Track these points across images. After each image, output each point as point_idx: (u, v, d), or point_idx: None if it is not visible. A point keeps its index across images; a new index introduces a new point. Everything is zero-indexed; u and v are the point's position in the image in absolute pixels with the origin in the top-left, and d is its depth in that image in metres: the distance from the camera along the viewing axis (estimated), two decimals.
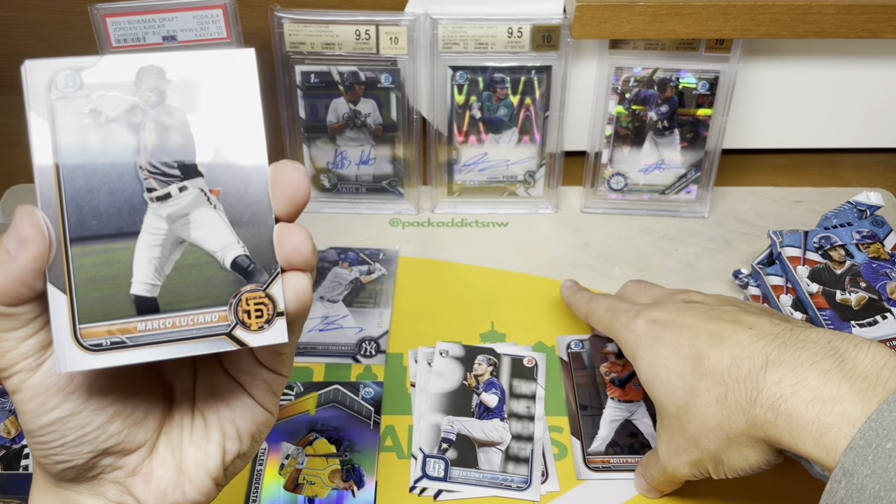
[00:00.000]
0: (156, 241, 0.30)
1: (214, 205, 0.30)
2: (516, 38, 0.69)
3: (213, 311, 0.30)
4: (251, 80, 0.30)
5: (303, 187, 0.31)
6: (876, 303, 0.59)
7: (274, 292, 0.30)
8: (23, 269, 0.28)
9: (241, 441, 0.35)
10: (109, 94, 0.29)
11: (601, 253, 0.73)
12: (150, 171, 0.30)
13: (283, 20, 0.68)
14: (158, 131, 0.30)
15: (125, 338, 0.29)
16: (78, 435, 0.31)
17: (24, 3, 0.71)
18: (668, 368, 0.46)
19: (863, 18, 0.66)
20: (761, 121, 0.79)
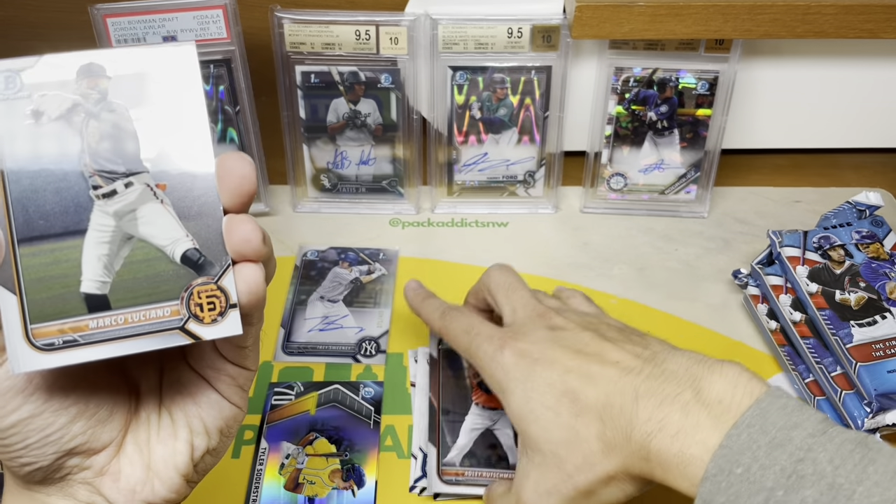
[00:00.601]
0: (104, 239, 0.30)
1: (161, 199, 0.30)
2: (516, 39, 0.69)
3: (165, 306, 0.30)
4: (194, 75, 0.30)
5: (248, 177, 0.31)
6: (875, 302, 0.59)
7: (226, 284, 0.30)
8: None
9: (209, 437, 0.35)
10: (51, 93, 0.29)
11: (601, 253, 0.73)
12: (95, 168, 0.30)
13: (284, 20, 0.68)
14: (101, 128, 0.30)
15: (77, 336, 0.29)
16: (41, 436, 0.31)
17: (24, 3, 0.71)
18: (543, 405, 0.44)
19: (862, 19, 0.67)
20: (761, 121, 0.79)
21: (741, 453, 0.36)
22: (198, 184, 0.30)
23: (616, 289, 0.70)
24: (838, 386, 0.57)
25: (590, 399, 0.42)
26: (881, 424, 0.55)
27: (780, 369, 0.63)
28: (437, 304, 0.56)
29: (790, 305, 0.62)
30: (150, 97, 0.30)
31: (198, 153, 0.30)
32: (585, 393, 0.43)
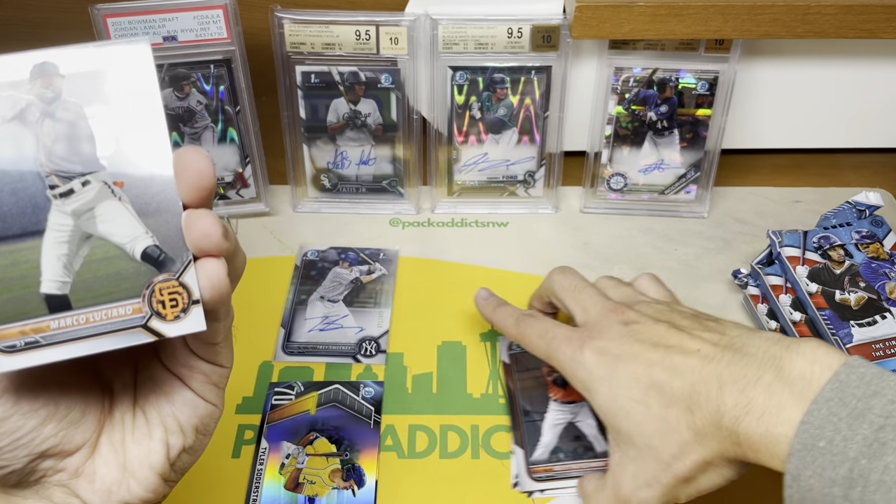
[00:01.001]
0: (62, 238, 0.30)
1: (119, 197, 0.30)
2: (516, 39, 0.69)
3: (126, 304, 0.30)
4: (149, 71, 0.30)
5: (206, 171, 0.30)
6: (875, 302, 0.59)
7: (187, 280, 0.30)
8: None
9: (184, 435, 0.35)
10: (3, 94, 0.29)
11: (601, 253, 0.74)
12: (51, 168, 0.30)
13: (284, 20, 0.68)
14: (56, 128, 0.29)
15: (39, 337, 0.29)
16: (11, 440, 0.31)
17: (24, 3, 0.71)
18: (632, 399, 0.45)
19: (862, 19, 0.67)
20: (761, 121, 0.79)
21: (822, 427, 0.37)
22: (156, 180, 0.30)
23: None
24: None
25: (676, 390, 0.44)
26: None
27: None
28: (510, 311, 0.56)
29: (790, 305, 0.62)
30: (105, 95, 0.30)
31: (155, 149, 0.30)
32: (671, 384, 0.44)
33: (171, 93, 0.70)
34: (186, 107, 0.71)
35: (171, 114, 0.71)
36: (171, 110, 0.71)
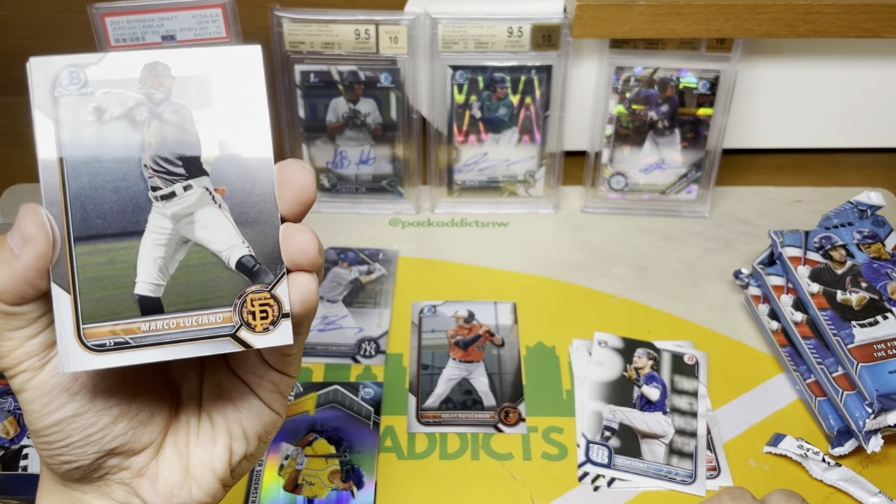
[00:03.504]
0: (160, 241, 0.29)
1: (220, 204, 0.30)
2: (516, 38, 0.69)
3: (217, 312, 0.29)
4: (258, 77, 0.30)
5: (309, 187, 0.30)
6: (877, 303, 0.59)
7: (279, 293, 0.30)
8: (26, 267, 0.28)
9: (247, 442, 0.35)
10: (114, 91, 0.29)
11: (601, 253, 0.73)
12: (155, 169, 0.29)
13: (283, 19, 0.68)
14: (163, 129, 0.29)
15: (129, 338, 0.29)
16: (83, 435, 0.31)
17: (24, 3, 0.71)
18: None
19: (863, 18, 0.66)
20: (762, 120, 0.79)
21: None
22: (256, 190, 0.30)
23: (616, 289, 0.70)
24: (840, 386, 0.57)
25: None
26: (883, 425, 0.54)
27: (782, 370, 0.63)
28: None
29: (791, 306, 0.62)
30: (213, 99, 0.29)
31: (258, 158, 0.30)
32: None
33: None
34: None
35: None
36: None
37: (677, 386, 0.61)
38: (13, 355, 0.29)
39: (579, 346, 0.64)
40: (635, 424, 0.58)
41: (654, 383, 0.61)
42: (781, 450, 0.57)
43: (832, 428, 0.57)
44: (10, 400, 0.54)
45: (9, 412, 0.53)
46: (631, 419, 0.59)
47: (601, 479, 0.56)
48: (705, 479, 0.55)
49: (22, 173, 0.81)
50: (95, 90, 0.29)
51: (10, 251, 0.28)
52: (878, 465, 0.57)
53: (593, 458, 0.57)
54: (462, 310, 0.66)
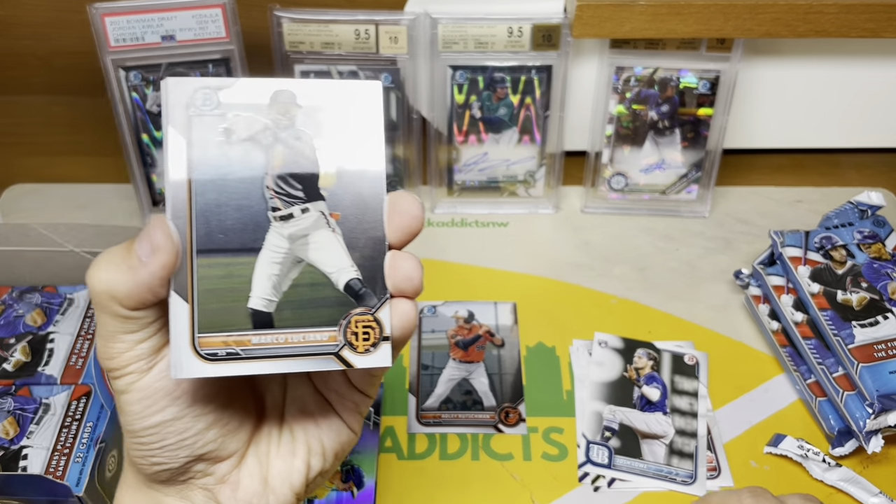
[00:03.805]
0: (276, 259, 0.31)
1: (333, 228, 0.31)
2: (516, 38, 0.69)
3: (323, 331, 0.31)
4: (376, 111, 0.31)
5: (418, 218, 0.32)
6: (877, 303, 0.59)
7: (381, 317, 0.31)
8: (152, 275, 0.29)
9: (325, 458, 0.36)
10: (243, 114, 0.30)
11: (601, 253, 0.73)
12: (276, 191, 0.31)
13: (283, 19, 0.68)
14: (287, 153, 0.31)
15: (240, 349, 0.30)
16: (178, 439, 0.32)
17: (24, 3, 0.71)
18: None
19: (864, 18, 0.66)
20: (762, 120, 0.79)
21: None
22: (368, 217, 0.31)
23: (617, 289, 0.70)
24: (840, 387, 0.57)
25: None
26: (883, 426, 0.54)
27: (782, 370, 0.63)
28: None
29: (792, 306, 0.62)
30: (333, 129, 0.31)
31: (372, 188, 0.31)
32: None
33: None
34: None
35: None
36: None
37: (677, 386, 0.61)
38: (123, 357, 0.31)
39: (579, 346, 0.64)
40: (635, 425, 0.58)
41: (654, 384, 0.61)
42: (782, 450, 0.57)
43: (832, 428, 0.57)
44: (9, 400, 0.53)
45: (9, 412, 0.53)
46: (631, 419, 0.59)
47: (601, 480, 0.56)
48: (705, 479, 0.55)
49: (22, 173, 0.81)
50: (226, 112, 0.30)
51: (137, 258, 0.29)
52: (878, 465, 0.57)
53: (593, 459, 0.57)
54: (462, 310, 0.66)
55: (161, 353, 0.31)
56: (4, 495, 0.49)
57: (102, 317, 0.30)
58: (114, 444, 0.53)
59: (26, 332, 0.58)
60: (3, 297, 0.61)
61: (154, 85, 0.69)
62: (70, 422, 0.53)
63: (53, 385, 0.55)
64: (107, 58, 0.67)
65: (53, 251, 0.62)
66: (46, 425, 0.52)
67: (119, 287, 0.29)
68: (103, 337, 0.31)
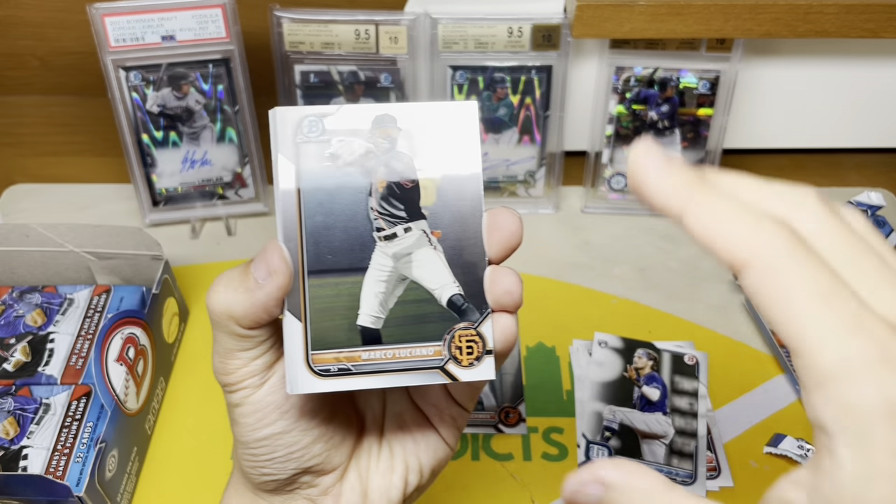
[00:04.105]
0: (381, 277, 0.32)
1: (435, 246, 0.32)
2: (516, 38, 0.69)
3: (428, 346, 0.32)
4: (473, 130, 0.33)
5: (518, 234, 0.32)
6: None
7: (484, 331, 0.32)
8: (268, 296, 0.30)
9: (422, 475, 0.36)
10: (348, 139, 0.32)
11: (601, 253, 0.73)
12: (380, 211, 0.32)
13: (283, 19, 0.68)
14: (389, 175, 0.32)
15: (350, 365, 0.31)
16: (286, 452, 0.33)
17: (24, 3, 0.71)
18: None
19: (864, 18, 0.66)
20: (762, 121, 0.79)
21: None
22: (468, 234, 0.32)
23: (617, 289, 0.70)
24: None
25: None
26: None
27: (782, 370, 0.63)
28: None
29: None
30: (432, 149, 0.32)
31: (471, 205, 0.32)
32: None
33: (169, 92, 0.70)
34: (185, 106, 0.71)
35: (169, 113, 0.71)
36: (170, 110, 0.71)
37: (677, 386, 0.61)
38: (238, 373, 0.32)
39: (579, 346, 0.64)
40: (635, 425, 0.58)
41: (654, 384, 0.61)
42: (782, 450, 0.57)
43: None
44: (9, 400, 0.53)
45: (9, 412, 0.53)
46: (631, 419, 0.59)
47: None
48: (705, 479, 0.55)
49: (22, 173, 0.81)
50: (331, 138, 0.32)
51: (254, 281, 0.31)
52: None
53: (594, 459, 0.56)
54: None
55: (272, 370, 0.33)
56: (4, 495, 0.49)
57: (220, 335, 0.32)
58: (114, 444, 0.53)
59: (26, 332, 0.58)
60: (3, 297, 0.61)
61: (154, 85, 0.69)
62: (70, 422, 0.52)
63: (53, 385, 0.55)
64: (107, 58, 0.67)
65: (53, 251, 0.62)
66: (46, 425, 0.52)
67: (237, 308, 0.31)
68: (220, 354, 0.32)
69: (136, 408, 0.56)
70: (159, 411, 0.60)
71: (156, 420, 0.60)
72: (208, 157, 0.73)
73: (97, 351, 0.56)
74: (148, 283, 0.62)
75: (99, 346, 0.56)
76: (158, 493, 0.55)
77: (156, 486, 0.56)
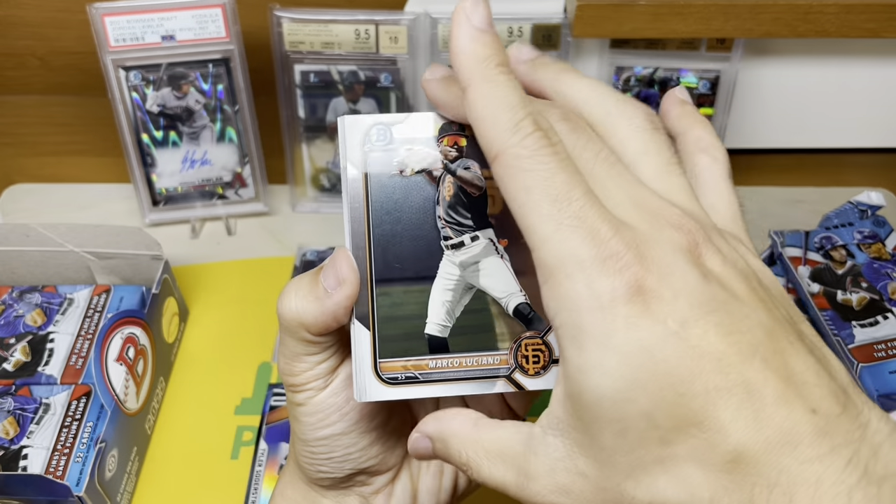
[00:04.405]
0: (449, 286, 0.32)
1: (501, 254, 0.32)
2: (516, 38, 0.69)
3: (494, 354, 0.32)
4: None
5: None
6: (877, 303, 0.59)
7: (550, 340, 0.32)
8: (337, 305, 0.31)
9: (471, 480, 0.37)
10: (415, 147, 0.32)
11: None
12: (447, 220, 0.32)
13: (283, 19, 0.68)
14: (456, 184, 0.32)
15: (418, 374, 0.31)
16: (344, 452, 0.34)
17: (24, 3, 0.71)
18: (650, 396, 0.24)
19: (864, 18, 0.66)
20: (762, 121, 0.79)
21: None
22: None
23: None
24: None
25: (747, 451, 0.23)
26: None
27: None
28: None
29: None
30: None
31: None
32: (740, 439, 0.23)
33: (169, 92, 0.70)
34: (185, 106, 0.71)
35: (169, 113, 0.71)
36: (170, 110, 0.71)
37: None
38: (304, 375, 0.33)
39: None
40: None
41: None
42: None
43: None
44: (9, 400, 0.53)
45: (9, 412, 0.53)
46: None
47: None
48: None
49: (22, 173, 0.81)
50: (399, 147, 0.32)
51: (323, 290, 0.31)
52: None
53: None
54: None
55: (336, 373, 0.33)
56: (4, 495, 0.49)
57: (288, 340, 0.33)
58: (114, 443, 0.53)
59: (26, 332, 0.58)
60: (3, 297, 0.61)
61: (154, 85, 0.69)
62: (70, 422, 0.52)
63: (53, 385, 0.55)
64: (107, 58, 0.67)
65: (53, 251, 0.62)
66: (46, 425, 0.52)
67: (307, 315, 0.31)
68: (287, 357, 0.33)
69: (135, 408, 0.56)
70: (159, 411, 0.60)
71: (156, 420, 0.60)
72: (208, 157, 0.73)
73: (97, 351, 0.56)
74: (148, 283, 0.62)
75: (99, 345, 0.56)
76: (158, 493, 0.55)
77: (156, 485, 0.56)
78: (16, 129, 0.79)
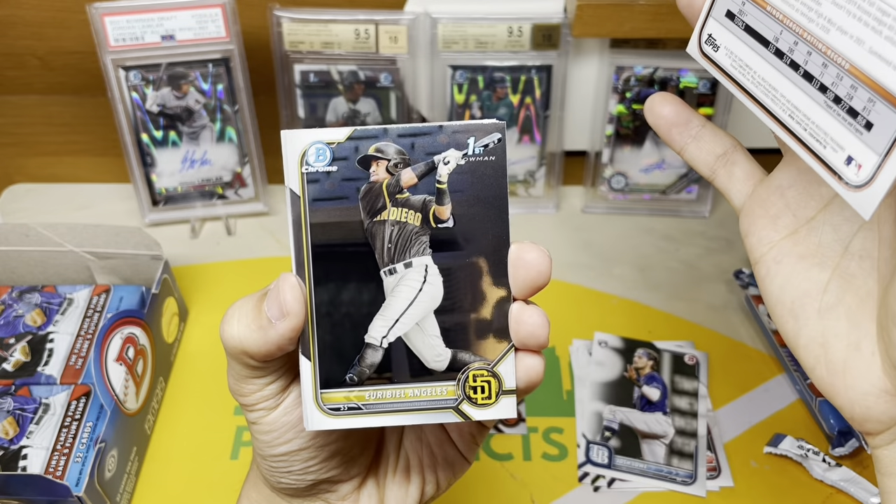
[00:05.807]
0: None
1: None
2: (516, 38, 0.69)
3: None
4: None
5: (545, 273, 0.31)
6: None
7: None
8: (281, 337, 0.30)
9: (438, 487, 0.37)
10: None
11: (602, 253, 0.73)
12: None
13: (283, 19, 0.68)
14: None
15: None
16: (303, 466, 0.34)
17: (24, 3, 0.71)
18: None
19: None
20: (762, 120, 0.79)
21: None
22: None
23: (617, 289, 0.69)
24: None
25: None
26: None
27: (782, 370, 0.63)
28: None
29: None
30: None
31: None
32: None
33: (169, 92, 0.70)
34: (185, 106, 0.71)
35: (168, 113, 0.71)
36: (169, 109, 0.71)
37: (678, 386, 0.61)
38: (253, 396, 0.33)
39: (579, 346, 0.64)
40: (635, 425, 0.58)
41: (654, 383, 0.61)
42: (782, 450, 0.57)
43: (832, 428, 0.57)
44: (9, 400, 0.53)
45: (8, 412, 0.53)
46: (631, 419, 0.59)
47: (601, 480, 0.56)
48: (706, 479, 0.55)
49: (22, 173, 0.81)
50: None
51: (266, 319, 0.30)
52: None
53: (593, 459, 0.56)
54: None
55: (287, 391, 0.33)
56: (4, 495, 0.49)
57: (234, 363, 0.32)
58: (113, 443, 0.53)
59: (26, 332, 0.58)
60: (3, 297, 0.61)
61: (153, 84, 0.69)
62: (70, 422, 0.52)
63: (53, 385, 0.55)
64: (107, 58, 0.67)
65: (53, 251, 0.62)
66: (46, 425, 0.52)
67: (250, 344, 0.30)
68: (234, 378, 0.33)
69: (135, 408, 0.56)
70: (159, 411, 0.60)
71: (155, 420, 0.60)
72: (208, 157, 0.73)
73: (97, 351, 0.56)
74: (147, 283, 0.62)
75: (98, 345, 0.56)
76: (158, 493, 0.55)
77: (155, 486, 0.56)
78: (16, 129, 0.79)
